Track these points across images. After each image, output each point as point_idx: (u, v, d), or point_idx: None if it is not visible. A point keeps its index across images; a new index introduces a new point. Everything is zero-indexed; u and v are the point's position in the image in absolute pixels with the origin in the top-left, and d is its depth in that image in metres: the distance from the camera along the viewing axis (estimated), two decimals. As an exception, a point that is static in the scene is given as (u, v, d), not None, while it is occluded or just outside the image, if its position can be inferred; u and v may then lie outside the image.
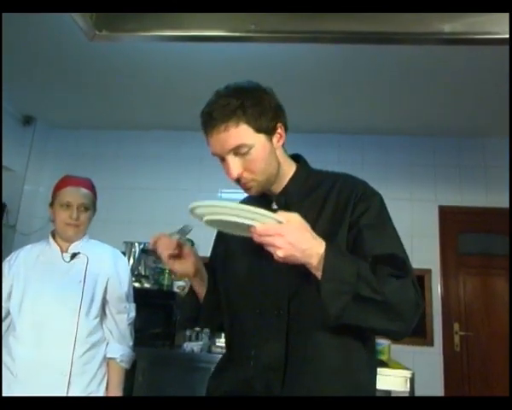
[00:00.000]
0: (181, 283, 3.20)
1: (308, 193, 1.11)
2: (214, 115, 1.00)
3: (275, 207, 1.12)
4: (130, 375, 1.81)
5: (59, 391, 1.51)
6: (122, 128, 4.06)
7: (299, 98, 3.17)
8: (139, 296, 1.91)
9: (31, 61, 2.94)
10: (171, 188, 3.92)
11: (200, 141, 4.47)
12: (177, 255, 1.10)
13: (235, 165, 1.02)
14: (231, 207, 0.85)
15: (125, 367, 1.74)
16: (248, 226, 0.86)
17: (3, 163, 3.57)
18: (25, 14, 1.59)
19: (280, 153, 1.10)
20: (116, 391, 1.68)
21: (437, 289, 3.53)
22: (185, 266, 1.12)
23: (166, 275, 3.42)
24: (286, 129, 1.10)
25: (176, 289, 3.25)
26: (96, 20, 1.25)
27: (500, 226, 3.44)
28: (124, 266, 1.86)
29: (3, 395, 1.50)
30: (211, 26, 1.21)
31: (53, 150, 4.11)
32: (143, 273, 3.51)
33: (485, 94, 3.03)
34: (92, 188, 1.77)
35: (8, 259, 1.72)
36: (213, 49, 2.59)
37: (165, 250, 1.07)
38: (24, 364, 1.51)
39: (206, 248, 1.38)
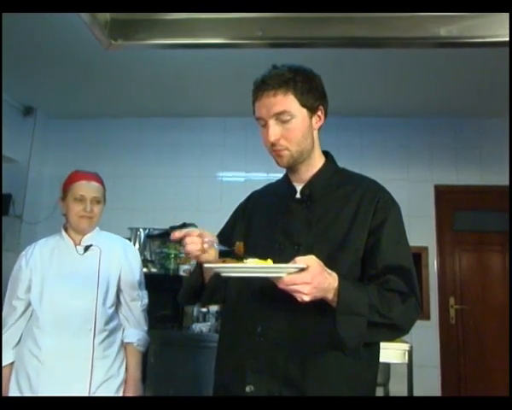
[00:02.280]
0: (187, 266, 3.30)
1: (332, 190, 1.18)
2: (267, 82, 1.11)
3: (298, 196, 1.19)
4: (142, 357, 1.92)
5: (83, 376, 1.61)
6: (122, 116, 4.09)
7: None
8: (146, 281, 1.95)
9: (30, 52, 2.95)
10: (173, 175, 3.98)
11: (199, 127, 4.50)
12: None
13: (274, 130, 1.11)
14: (257, 267, 0.94)
15: (141, 351, 1.83)
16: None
17: (7, 154, 3.61)
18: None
19: (315, 136, 1.19)
20: (135, 373, 1.78)
21: (433, 265, 3.65)
22: (208, 257, 1.13)
23: (172, 260, 3.51)
24: (325, 116, 1.19)
25: (182, 273, 3.35)
26: (111, 29, 1.29)
27: (494, 204, 3.54)
28: (135, 255, 1.93)
29: (32, 382, 1.60)
30: (219, 33, 1.26)
31: (54, 139, 4.14)
32: (149, 258, 3.61)
33: (481, 75, 3.07)
34: (102, 182, 1.84)
35: (23, 253, 1.79)
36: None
37: (194, 250, 1.10)
38: (50, 352, 1.61)
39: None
